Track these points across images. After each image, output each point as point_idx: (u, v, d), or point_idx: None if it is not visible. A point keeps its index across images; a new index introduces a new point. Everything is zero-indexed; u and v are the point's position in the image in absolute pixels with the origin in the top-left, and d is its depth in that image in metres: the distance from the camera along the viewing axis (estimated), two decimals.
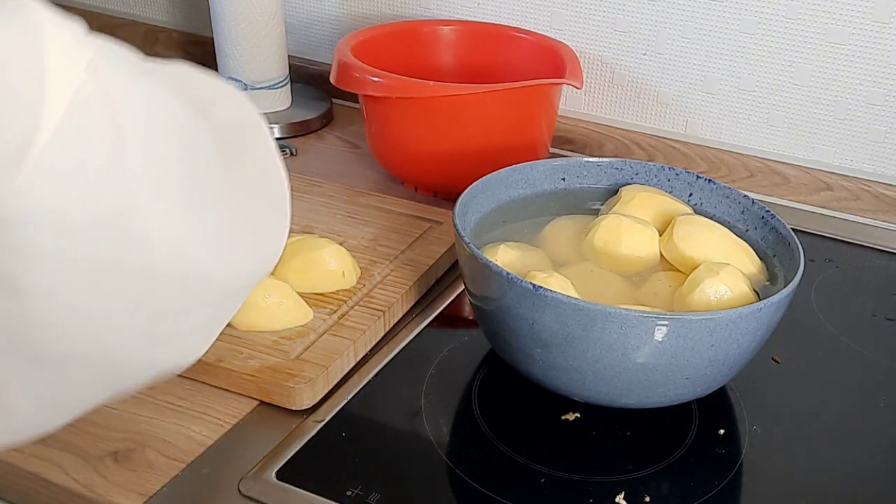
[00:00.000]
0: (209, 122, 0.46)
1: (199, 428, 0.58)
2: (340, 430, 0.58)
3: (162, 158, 0.39)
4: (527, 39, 0.92)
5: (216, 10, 0.95)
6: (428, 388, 0.62)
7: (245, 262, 0.47)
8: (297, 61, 1.08)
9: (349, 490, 0.53)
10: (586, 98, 0.97)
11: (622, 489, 0.54)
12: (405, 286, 0.69)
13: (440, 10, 0.99)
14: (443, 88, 0.79)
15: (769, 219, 0.64)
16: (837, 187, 0.88)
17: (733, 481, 0.56)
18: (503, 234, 0.67)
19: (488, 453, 0.57)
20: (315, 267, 0.67)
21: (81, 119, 0.34)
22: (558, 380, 0.57)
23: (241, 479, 0.54)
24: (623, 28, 0.91)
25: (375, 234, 0.76)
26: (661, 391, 0.56)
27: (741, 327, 0.53)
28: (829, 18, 0.82)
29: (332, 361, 0.61)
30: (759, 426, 0.60)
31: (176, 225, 0.40)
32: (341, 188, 0.83)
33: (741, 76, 0.88)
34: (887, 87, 0.83)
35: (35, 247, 0.35)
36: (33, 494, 0.55)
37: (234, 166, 0.47)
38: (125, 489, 0.53)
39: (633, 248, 0.63)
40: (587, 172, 0.71)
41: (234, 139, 0.48)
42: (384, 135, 0.85)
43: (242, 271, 0.47)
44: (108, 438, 0.57)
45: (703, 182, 0.69)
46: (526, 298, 0.54)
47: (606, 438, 0.59)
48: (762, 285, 0.61)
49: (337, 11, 1.06)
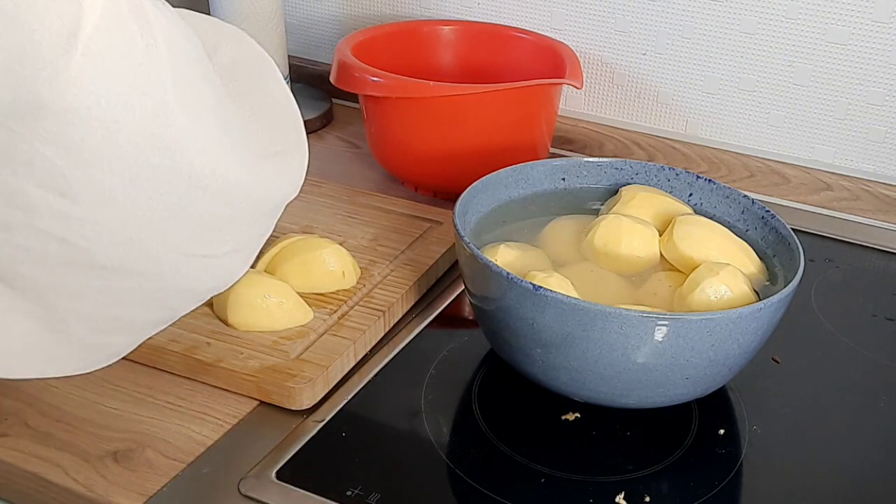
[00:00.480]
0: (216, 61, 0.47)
1: (199, 428, 0.58)
2: (340, 430, 0.58)
3: (191, 74, 0.41)
4: (527, 39, 0.92)
5: (216, 11, 0.95)
6: (428, 388, 0.62)
7: (276, 181, 0.49)
8: (297, 61, 1.08)
9: (349, 490, 0.53)
10: (586, 98, 0.97)
11: (622, 489, 0.54)
12: (405, 286, 0.69)
13: (440, 10, 0.99)
14: (443, 88, 0.79)
15: (769, 219, 0.64)
16: (837, 187, 0.88)
17: (733, 481, 0.56)
18: (503, 234, 0.67)
19: (488, 453, 0.57)
20: (315, 267, 0.67)
21: (117, 18, 0.36)
22: (558, 380, 0.57)
23: (241, 479, 0.54)
24: (623, 28, 0.91)
25: (375, 234, 0.76)
26: (661, 391, 0.56)
27: (741, 327, 0.53)
28: (829, 18, 0.82)
29: (332, 361, 0.61)
30: (759, 426, 0.60)
31: (209, 136, 0.42)
32: (341, 188, 0.83)
33: (741, 76, 0.88)
34: (887, 87, 0.83)
35: (86, 143, 0.37)
36: (33, 494, 0.55)
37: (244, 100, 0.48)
38: (125, 489, 0.53)
39: (633, 248, 0.63)
40: (587, 172, 0.71)
41: (241, 75, 0.50)
42: (384, 135, 0.85)
43: (275, 189, 0.49)
44: (108, 438, 0.57)
45: (703, 182, 0.69)
46: (526, 298, 0.54)
47: (606, 438, 0.59)
48: (762, 285, 0.61)
49: (337, 11, 1.06)
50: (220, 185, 0.43)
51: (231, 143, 0.44)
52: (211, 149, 0.42)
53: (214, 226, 0.45)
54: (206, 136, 0.41)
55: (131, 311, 0.45)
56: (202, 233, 0.44)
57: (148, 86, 0.38)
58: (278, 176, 0.49)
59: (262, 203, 0.48)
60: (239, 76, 0.50)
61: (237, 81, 0.49)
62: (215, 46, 0.50)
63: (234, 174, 0.44)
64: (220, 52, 0.50)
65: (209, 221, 0.44)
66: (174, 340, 0.61)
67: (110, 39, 0.36)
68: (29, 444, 0.56)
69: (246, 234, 0.49)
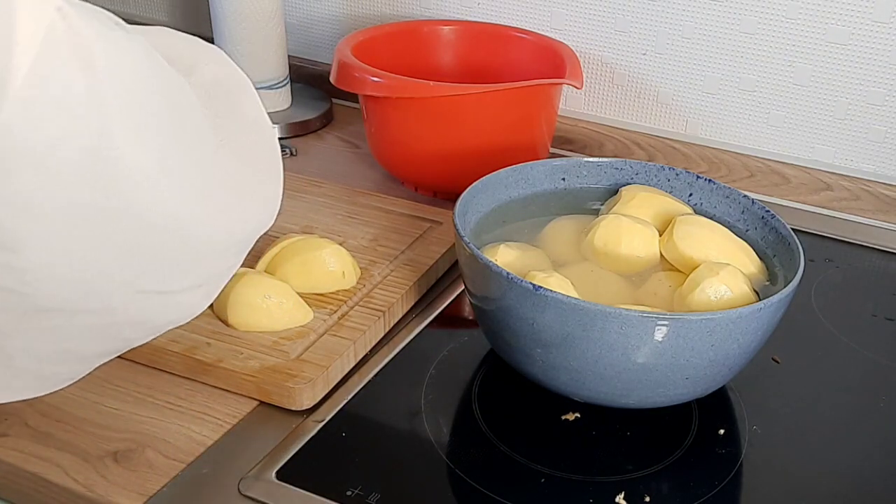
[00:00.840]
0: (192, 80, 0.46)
1: (199, 428, 0.58)
2: (340, 430, 0.58)
3: (140, 103, 0.39)
4: (527, 39, 0.92)
5: (216, 10, 0.95)
6: (428, 388, 0.62)
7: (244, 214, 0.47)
8: (297, 61, 1.08)
9: (349, 490, 0.53)
10: (586, 98, 0.97)
11: (622, 489, 0.54)
12: (405, 286, 0.69)
13: (440, 10, 0.99)
14: (443, 88, 0.79)
15: (769, 219, 0.64)
16: (837, 187, 0.88)
17: (733, 481, 0.56)
18: (503, 234, 0.67)
19: (488, 453, 0.57)
20: (315, 267, 0.67)
21: (55, 57, 0.34)
22: (558, 380, 0.57)
23: (241, 479, 0.54)
24: (623, 28, 0.91)
25: (375, 234, 0.76)
26: (661, 391, 0.56)
27: (741, 327, 0.53)
28: (829, 18, 0.82)
29: (332, 361, 0.61)
30: (759, 426, 0.60)
31: (157, 170, 0.40)
32: (341, 188, 0.83)
33: (741, 76, 0.88)
34: (887, 87, 0.83)
35: (21, 192, 0.35)
36: (33, 494, 0.55)
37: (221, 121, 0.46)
38: (125, 489, 0.53)
39: (633, 248, 0.63)
40: (587, 172, 0.71)
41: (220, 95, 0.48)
42: (384, 135, 0.85)
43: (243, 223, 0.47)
44: (108, 438, 0.57)
45: (703, 182, 0.69)
46: (526, 298, 0.54)
47: (606, 438, 0.59)
48: (762, 285, 0.61)
49: (337, 11, 1.06)
50: (172, 223, 0.41)
51: (185, 173, 0.42)
52: (162, 187, 0.40)
53: (169, 263, 0.43)
54: (152, 168, 0.39)
55: (82, 345, 0.44)
56: (156, 270, 0.43)
57: (88, 128, 0.36)
58: (246, 209, 0.47)
59: (225, 238, 0.46)
60: (218, 94, 0.48)
61: (217, 100, 0.47)
62: (192, 66, 0.48)
63: (188, 211, 0.42)
64: (197, 71, 0.48)
65: (163, 259, 0.42)
66: (174, 340, 0.61)
67: (45, 85, 0.34)
68: (29, 444, 0.56)
69: (208, 270, 0.47)
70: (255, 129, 0.50)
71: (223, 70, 0.49)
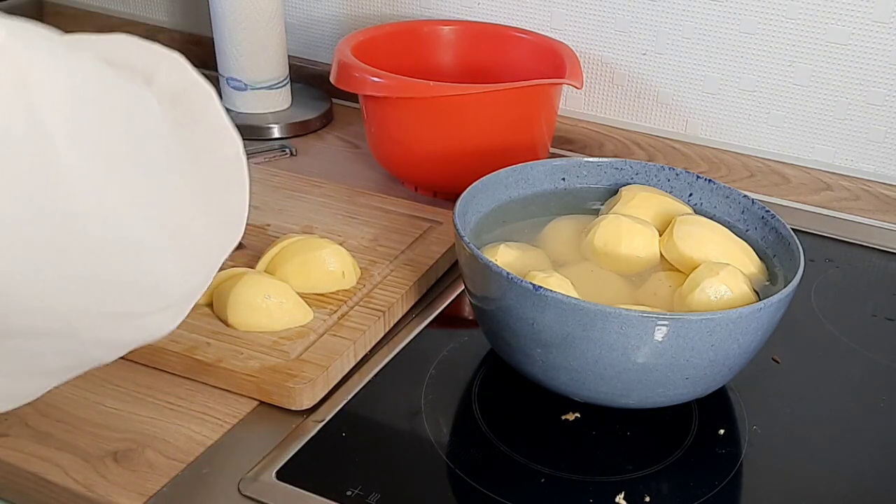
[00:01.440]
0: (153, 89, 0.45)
1: (199, 428, 0.58)
2: (340, 430, 0.58)
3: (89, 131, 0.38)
4: (527, 39, 0.92)
5: (216, 10, 0.95)
6: (428, 388, 0.62)
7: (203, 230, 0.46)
8: (297, 61, 1.08)
9: (349, 490, 0.53)
10: (586, 98, 0.97)
11: (622, 489, 0.54)
12: (405, 286, 0.69)
13: (440, 10, 0.99)
14: (443, 88, 0.79)
15: (769, 219, 0.64)
16: (837, 187, 0.88)
17: (733, 481, 0.56)
18: (503, 234, 0.67)
19: (488, 453, 0.57)
20: (315, 267, 0.67)
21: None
22: (558, 380, 0.57)
23: (241, 479, 0.54)
24: (623, 28, 0.91)
25: (375, 234, 0.76)
26: (661, 391, 0.56)
27: (741, 327, 0.53)
28: (829, 18, 0.83)
29: (332, 361, 0.61)
30: (759, 426, 0.60)
31: (108, 195, 0.39)
32: (341, 188, 0.83)
33: (741, 76, 0.88)
34: (887, 87, 0.83)
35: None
36: (33, 494, 0.55)
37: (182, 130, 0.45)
38: (125, 489, 0.53)
39: (633, 248, 0.63)
40: (587, 172, 0.71)
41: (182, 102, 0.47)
42: (384, 135, 0.85)
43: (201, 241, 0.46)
44: (108, 438, 0.57)
45: (703, 182, 0.69)
46: (526, 298, 0.54)
47: (606, 438, 0.59)
48: (762, 285, 0.61)
49: (337, 11, 1.06)
50: (129, 249, 0.41)
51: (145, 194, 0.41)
52: (110, 207, 0.39)
53: (131, 286, 0.42)
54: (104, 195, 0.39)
55: (46, 362, 0.44)
56: (118, 293, 0.42)
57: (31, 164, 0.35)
58: (209, 226, 0.46)
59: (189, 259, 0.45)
60: (181, 102, 0.47)
61: (179, 108, 0.47)
62: (153, 74, 0.47)
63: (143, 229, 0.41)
64: (158, 79, 0.47)
65: (124, 283, 0.42)
66: (174, 340, 0.61)
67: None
68: (29, 444, 0.56)
69: (175, 291, 0.46)
70: (219, 138, 0.49)
71: (185, 77, 0.49)
